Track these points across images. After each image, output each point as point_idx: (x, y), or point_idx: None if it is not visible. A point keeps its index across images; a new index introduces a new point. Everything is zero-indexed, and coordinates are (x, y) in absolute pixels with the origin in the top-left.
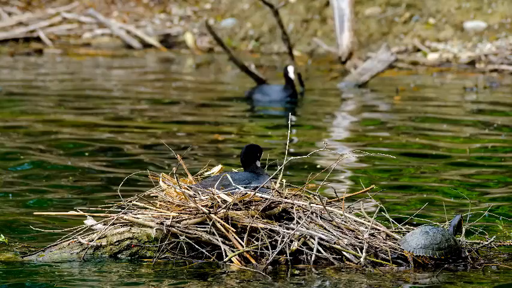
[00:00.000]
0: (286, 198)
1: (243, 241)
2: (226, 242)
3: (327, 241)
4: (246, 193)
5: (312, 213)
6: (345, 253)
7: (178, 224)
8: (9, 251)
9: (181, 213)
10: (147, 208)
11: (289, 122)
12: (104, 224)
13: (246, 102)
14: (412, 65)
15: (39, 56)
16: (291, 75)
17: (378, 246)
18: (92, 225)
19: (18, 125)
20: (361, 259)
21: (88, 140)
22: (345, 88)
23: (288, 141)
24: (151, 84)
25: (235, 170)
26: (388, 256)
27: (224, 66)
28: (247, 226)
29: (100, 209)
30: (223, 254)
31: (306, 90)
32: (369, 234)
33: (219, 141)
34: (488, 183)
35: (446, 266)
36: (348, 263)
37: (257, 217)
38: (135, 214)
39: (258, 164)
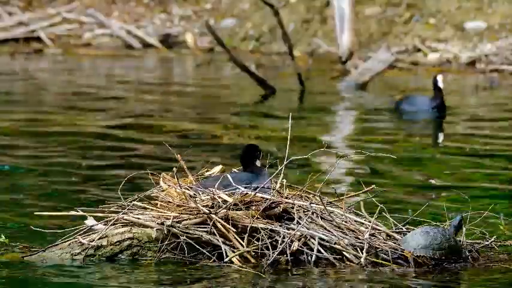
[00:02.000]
0: (286, 198)
1: (243, 241)
2: (227, 242)
3: (328, 241)
4: (247, 193)
5: (312, 213)
6: (345, 253)
7: (178, 224)
8: (10, 251)
9: (181, 213)
10: (148, 208)
11: (289, 122)
12: (105, 224)
13: (394, 112)
14: (412, 65)
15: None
16: (440, 84)
17: (378, 246)
18: (92, 226)
19: (18, 124)
20: (362, 259)
21: (89, 140)
22: (345, 88)
23: (288, 142)
24: (153, 84)
25: (236, 170)
26: (388, 256)
27: (224, 66)
28: (247, 226)
29: (100, 209)
30: (224, 254)
31: (307, 90)
32: (370, 235)
33: (223, 141)
34: (489, 183)
35: (446, 266)
36: (348, 263)
37: (257, 217)
38: (136, 214)
39: (258, 163)
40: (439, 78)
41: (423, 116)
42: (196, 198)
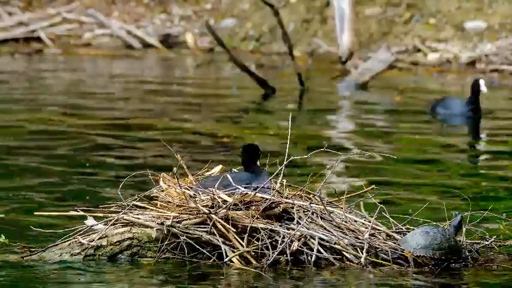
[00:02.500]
0: (286, 198)
1: (243, 241)
2: (227, 242)
3: (328, 241)
4: (246, 193)
5: (312, 213)
6: (345, 253)
7: (178, 224)
8: (10, 251)
9: (181, 213)
10: (148, 208)
11: (289, 122)
12: (105, 224)
13: (430, 115)
14: (412, 65)
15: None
16: (483, 88)
17: (378, 246)
18: (92, 226)
19: (18, 124)
20: (362, 259)
21: (89, 140)
22: (345, 88)
23: (288, 142)
24: (153, 84)
25: (236, 170)
26: (388, 256)
27: (224, 66)
28: (247, 226)
29: (100, 209)
30: (224, 254)
31: (307, 90)
32: (369, 235)
33: (224, 142)
34: (488, 183)
35: (446, 266)
36: (348, 263)
37: (257, 217)
38: (136, 214)
39: (258, 163)
40: (482, 82)
41: (458, 118)
42: (196, 198)
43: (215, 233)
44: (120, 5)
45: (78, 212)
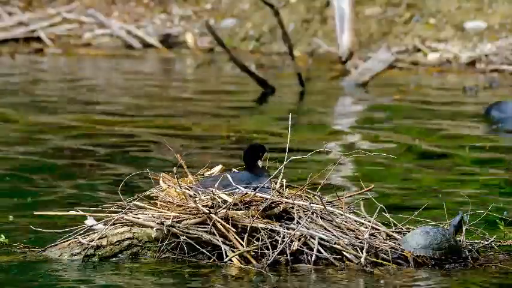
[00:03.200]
0: (286, 198)
1: (243, 241)
2: (227, 242)
3: (327, 241)
4: (246, 193)
5: (312, 213)
6: (345, 253)
7: (178, 224)
8: (10, 251)
9: (181, 213)
10: (148, 208)
11: (289, 121)
12: (105, 224)
13: (485, 118)
14: (412, 65)
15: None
16: None
17: (378, 246)
18: (92, 225)
19: (17, 124)
20: (362, 259)
21: (89, 140)
22: (345, 88)
23: (288, 142)
24: (153, 84)
25: (236, 170)
26: (388, 256)
27: (224, 66)
28: (247, 226)
29: (100, 209)
30: (224, 254)
31: (307, 91)
32: (369, 234)
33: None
34: (488, 183)
35: (446, 266)
36: (348, 263)
37: (257, 217)
38: (136, 214)
39: (260, 163)
40: None
41: None
42: (196, 198)
43: (215, 232)
44: (120, 5)
45: (78, 212)
